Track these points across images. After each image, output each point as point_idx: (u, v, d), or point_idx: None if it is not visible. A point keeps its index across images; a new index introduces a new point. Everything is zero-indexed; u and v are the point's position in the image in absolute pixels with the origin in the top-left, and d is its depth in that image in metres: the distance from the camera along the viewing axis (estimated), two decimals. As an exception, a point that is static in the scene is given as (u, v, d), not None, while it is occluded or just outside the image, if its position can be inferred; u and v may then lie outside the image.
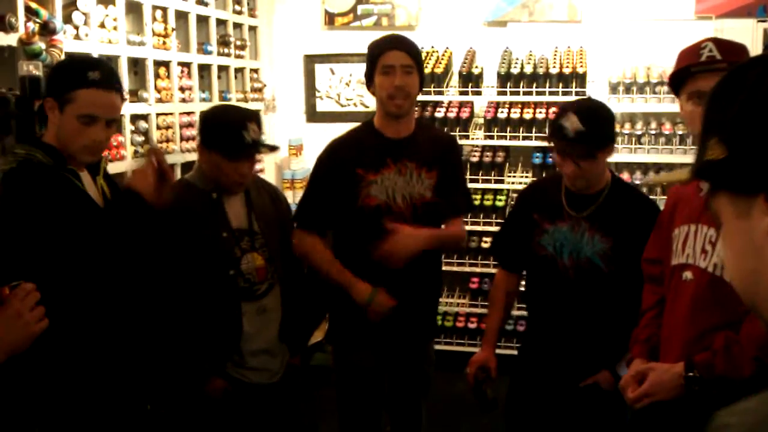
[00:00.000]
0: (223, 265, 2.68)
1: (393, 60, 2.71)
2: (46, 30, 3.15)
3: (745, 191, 0.75)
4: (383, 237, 2.69)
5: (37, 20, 3.10)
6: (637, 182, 4.96)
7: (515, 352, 3.04)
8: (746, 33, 4.74)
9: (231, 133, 2.61)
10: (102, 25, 3.67)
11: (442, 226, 2.94)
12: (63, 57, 3.15)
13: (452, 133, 3.12)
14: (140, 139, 4.00)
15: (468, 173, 5.03)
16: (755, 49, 4.64)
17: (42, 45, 3.09)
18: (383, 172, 2.76)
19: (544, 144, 4.96)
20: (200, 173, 2.78)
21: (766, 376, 1.84)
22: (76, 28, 3.44)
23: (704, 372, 1.96)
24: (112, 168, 3.17)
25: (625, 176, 5.04)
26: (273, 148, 2.91)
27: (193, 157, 4.05)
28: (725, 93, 0.78)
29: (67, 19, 3.39)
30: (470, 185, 4.57)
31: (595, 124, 2.50)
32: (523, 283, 2.99)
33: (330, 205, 2.80)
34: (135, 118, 4.00)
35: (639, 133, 4.98)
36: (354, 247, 2.82)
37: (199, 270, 2.64)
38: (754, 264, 0.77)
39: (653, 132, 4.94)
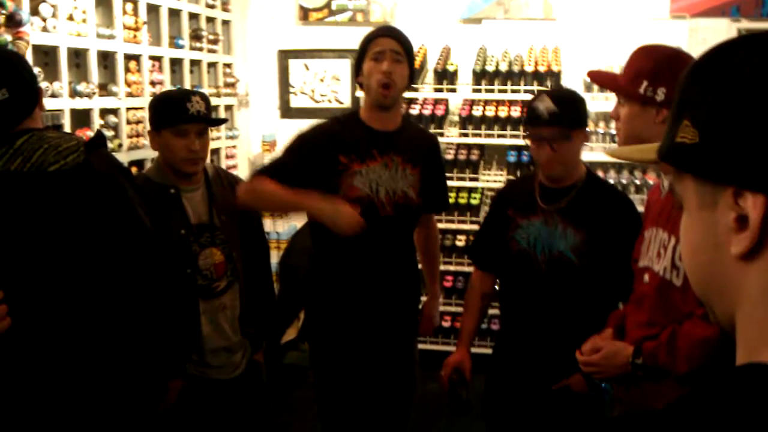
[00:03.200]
0: (180, 263, 2.64)
1: (383, 45, 2.68)
2: (12, 22, 3.07)
3: (713, 180, 0.71)
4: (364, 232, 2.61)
5: (3, 11, 3.03)
6: (611, 182, 4.97)
7: (490, 351, 3.02)
8: (720, 32, 4.77)
9: (175, 105, 2.63)
10: (71, 18, 3.59)
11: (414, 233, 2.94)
12: (30, 49, 3.08)
13: (434, 135, 3.09)
14: (110, 133, 3.92)
15: (443, 171, 5.01)
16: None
17: (8, 37, 3.02)
18: (369, 163, 2.70)
19: (519, 142, 4.97)
20: (157, 168, 2.74)
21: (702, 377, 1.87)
22: (44, 20, 3.37)
23: (648, 360, 2.01)
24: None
25: (599, 175, 5.04)
26: (220, 121, 2.90)
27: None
28: (705, 71, 0.73)
29: (35, 11, 3.31)
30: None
31: (568, 105, 2.54)
32: (498, 281, 2.97)
33: (300, 179, 2.68)
34: (104, 113, 3.92)
35: (614, 131, 4.98)
36: (333, 239, 2.73)
37: (156, 269, 2.59)
38: (711, 259, 0.73)
39: (627, 131, 4.94)
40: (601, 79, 2.35)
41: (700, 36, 4.85)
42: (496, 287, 2.98)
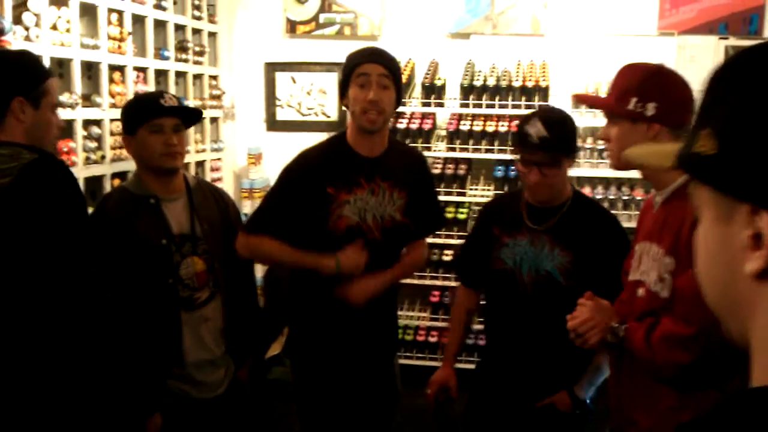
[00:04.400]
0: (162, 273, 2.60)
1: (369, 71, 2.58)
2: (-6, 30, 3.02)
3: (730, 194, 0.68)
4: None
5: (-16, 20, 2.98)
6: (599, 197, 4.96)
7: (474, 366, 3.00)
8: (708, 50, 4.79)
9: (147, 103, 2.62)
10: (54, 27, 3.54)
11: (404, 250, 2.88)
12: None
13: (422, 153, 3.03)
14: (93, 145, 3.87)
15: (430, 185, 4.98)
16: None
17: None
18: (356, 192, 2.64)
19: (507, 157, 4.96)
20: (136, 179, 2.70)
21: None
22: (27, 29, 3.31)
23: (627, 334, 2.02)
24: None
25: (587, 191, 5.04)
26: (195, 113, 2.79)
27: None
28: (728, 80, 0.70)
29: (17, 20, 3.26)
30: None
31: (559, 131, 2.51)
32: (483, 297, 2.94)
33: (291, 219, 2.64)
34: (88, 124, 3.87)
35: (601, 147, 4.98)
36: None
37: (137, 280, 2.55)
38: (724, 275, 0.71)
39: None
40: (588, 101, 2.35)
41: (688, 53, 4.86)
42: (481, 303, 2.95)
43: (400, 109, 5.19)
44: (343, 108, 2.75)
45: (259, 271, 4.95)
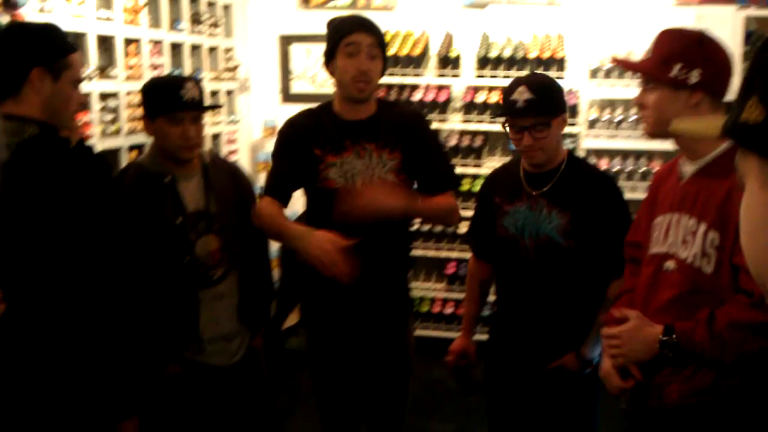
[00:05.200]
0: (178, 251, 2.61)
1: (358, 40, 2.60)
2: (9, 4, 3.02)
3: None
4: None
5: (0, -8, 2.98)
6: (616, 169, 4.93)
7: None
8: (726, 20, 4.71)
9: (168, 93, 2.60)
10: (69, 0, 3.54)
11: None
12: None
13: (419, 111, 3.00)
14: (109, 117, 3.88)
15: (445, 157, 4.97)
16: (735, 37, 4.62)
17: (3, 19, 2.97)
18: (343, 155, 2.67)
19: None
20: (152, 156, 2.71)
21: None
22: (42, 2, 3.31)
23: (682, 339, 1.88)
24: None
25: (603, 163, 5.01)
26: (213, 107, 2.86)
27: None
28: None
29: (33, -8, 3.26)
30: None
31: (544, 92, 2.56)
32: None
33: (291, 177, 2.72)
34: (104, 96, 3.88)
35: (619, 118, 4.94)
36: (322, 226, 2.70)
37: (153, 258, 2.56)
38: None
39: (632, 118, 4.90)
40: (627, 65, 2.32)
41: (707, 23, 4.79)
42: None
43: (415, 80, 5.19)
44: (328, 76, 2.74)
45: (276, 243, 4.98)
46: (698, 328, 1.85)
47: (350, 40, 2.60)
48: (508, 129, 2.63)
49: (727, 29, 4.57)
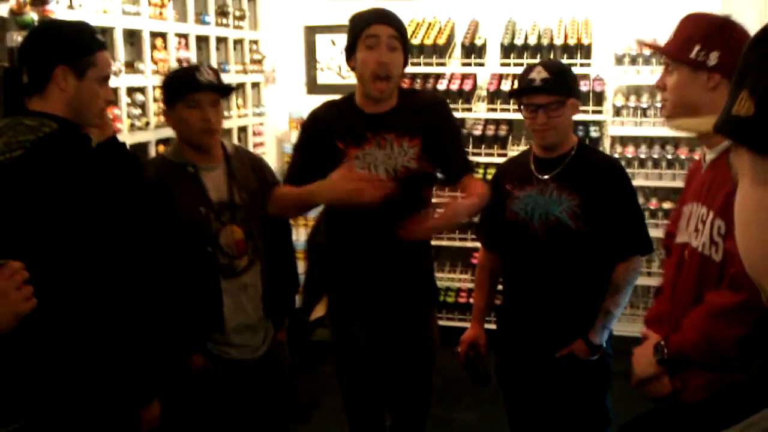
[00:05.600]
0: (201, 242, 2.64)
1: (378, 32, 2.60)
2: (37, 0, 3.07)
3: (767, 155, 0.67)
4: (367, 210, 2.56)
5: (28, -10, 3.02)
6: (642, 156, 4.89)
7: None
8: (755, 6, 4.64)
9: (185, 77, 2.65)
10: (96, -5, 3.58)
11: (458, 194, 2.92)
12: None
13: (439, 96, 3.04)
14: (137, 111, 3.93)
15: (470, 147, 4.97)
16: (763, 22, 4.54)
17: (34, 15, 3.02)
18: (364, 147, 2.68)
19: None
20: (176, 147, 2.75)
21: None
22: (70, -2, 3.36)
23: (674, 352, 1.94)
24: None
25: (630, 150, 4.97)
26: (229, 89, 2.87)
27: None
28: (766, 42, 0.70)
29: (60, -11, 3.30)
30: (473, 159, 4.50)
31: (559, 73, 2.67)
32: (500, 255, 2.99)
33: (311, 169, 2.70)
34: (131, 91, 3.93)
35: (645, 105, 4.90)
36: (342, 221, 2.77)
37: (177, 248, 2.59)
38: (762, 235, 0.70)
39: (659, 104, 4.85)
40: (649, 45, 2.36)
41: (734, 8, 4.73)
42: None
43: (440, 69, 5.18)
44: (349, 70, 2.75)
45: (303, 235, 5.01)
46: (686, 336, 1.90)
47: (370, 32, 2.61)
48: (523, 109, 2.70)
49: (756, 14, 4.50)
